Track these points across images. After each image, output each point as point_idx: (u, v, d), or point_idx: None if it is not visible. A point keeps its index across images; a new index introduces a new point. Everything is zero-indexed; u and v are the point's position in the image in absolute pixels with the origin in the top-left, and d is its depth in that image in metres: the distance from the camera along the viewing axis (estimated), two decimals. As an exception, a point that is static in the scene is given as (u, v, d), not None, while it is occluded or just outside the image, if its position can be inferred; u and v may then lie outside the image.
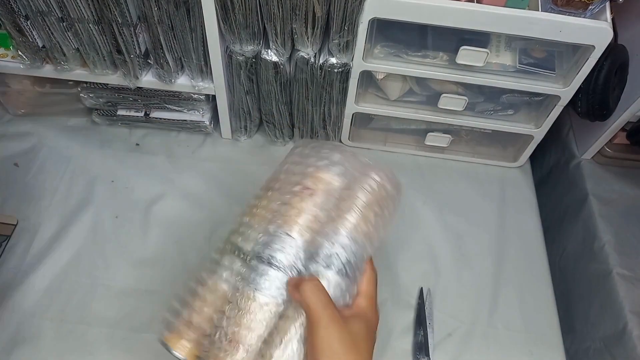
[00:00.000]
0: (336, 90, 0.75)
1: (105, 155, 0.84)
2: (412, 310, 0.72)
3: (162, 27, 0.68)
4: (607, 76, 0.69)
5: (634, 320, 0.68)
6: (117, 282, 0.71)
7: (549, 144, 0.92)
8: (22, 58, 0.74)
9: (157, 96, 0.82)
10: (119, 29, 0.68)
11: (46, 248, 0.73)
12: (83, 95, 0.82)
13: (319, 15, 0.63)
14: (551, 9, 0.62)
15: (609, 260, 0.74)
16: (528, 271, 0.77)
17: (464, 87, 0.75)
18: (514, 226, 0.82)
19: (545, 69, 0.70)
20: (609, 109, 0.73)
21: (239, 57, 0.71)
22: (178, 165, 0.84)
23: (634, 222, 0.78)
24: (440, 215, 0.82)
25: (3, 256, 0.72)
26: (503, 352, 0.70)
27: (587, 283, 0.78)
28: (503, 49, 0.70)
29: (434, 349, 0.69)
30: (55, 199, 0.79)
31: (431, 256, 0.78)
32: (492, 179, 0.88)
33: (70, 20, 0.68)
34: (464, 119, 0.80)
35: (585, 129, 0.85)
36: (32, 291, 0.70)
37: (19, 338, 0.66)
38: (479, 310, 0.73)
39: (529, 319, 0.73)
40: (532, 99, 0.76)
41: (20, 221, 0.76)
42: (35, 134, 0.86)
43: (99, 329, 0.67)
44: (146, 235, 0.76)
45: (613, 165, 0.84)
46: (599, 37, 0.62)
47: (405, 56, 0.71)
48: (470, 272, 0.76)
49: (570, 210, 0.85)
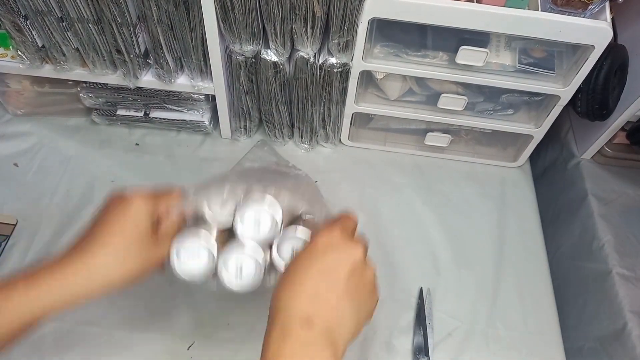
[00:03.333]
0: (336, 90, 0.75)
1: (104, 155, 0.84)
2: (412, 310, 0.72)
3: (161, 27, 0.68)
4: (607, 76, 0.69)
5: (633, 320, 0.68)
6: (117, 282, 0.71)
7: (549, 143, 0.92)
8: (22, 58, 0.74)
9: (157, 96, 0.82)
10: (119, 29, 0.68)
11: (46, 248, 0.73)
12: (83, 95, 0.82)
13: (319, 15, 0.63)
14: (551, 9, 0.62)
15: (609, 260, 0.74)
16: (528, 271, 0.77)
17: (464, 87, 0.75)
18: (514, 226, 0.82)
19: (545, 68, 0.70)
20: (608, 108, 0.73)
21: (239, 57, 0.71)
22: (178, 165, 0.84)
23: (634, 221, 0.78)
24: (440, 215, 0.82)
25: (3, 256, 0.72)
26: (503, 352, 0.70)
27: (584, 282, 0.78)
28: (503, 49, 0.70)
29: (434, 348, 0.69)
30: (55, 199, 0.79)
31: (431, 256, 0.78)
32: (492, 178, 0.88)
33: (70, 20, 0.68)
34: (463, 119, 0.80)
35: (585, 129, 0.85)
36: (31, 291, 0.69)
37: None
38: (479, 310, 0.73)
39: (528, 318, 0.73)
40: (532, 98, 0.76)
41: (20, 221, 0.76)
42: (34, 134, 0.85)
43: (99, 329, 0.67)
44: (146, 235, 0.76)
45: (613, 165, 0.84)
46: (598, 37, 0.62)
47: (405, 56, 0.71)
48: (470, 272, 0.76)
49: (569, 209, 0.85)
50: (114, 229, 0.47)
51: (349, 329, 0.43)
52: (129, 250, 0.47)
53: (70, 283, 0.45)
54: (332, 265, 0.43)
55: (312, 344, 0.40)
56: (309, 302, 0.42)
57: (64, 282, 0.44)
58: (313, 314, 0.41)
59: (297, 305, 0.41)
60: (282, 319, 0.41)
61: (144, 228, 0.48)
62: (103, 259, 0.46)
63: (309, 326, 0.40)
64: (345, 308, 0.43)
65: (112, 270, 0.46)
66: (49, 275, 0.44)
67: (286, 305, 0.42)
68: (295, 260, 0.45)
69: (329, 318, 0.41)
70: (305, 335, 0.40)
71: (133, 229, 0.48)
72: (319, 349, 0.40)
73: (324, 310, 0.41)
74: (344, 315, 0.42)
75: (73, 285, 0.45)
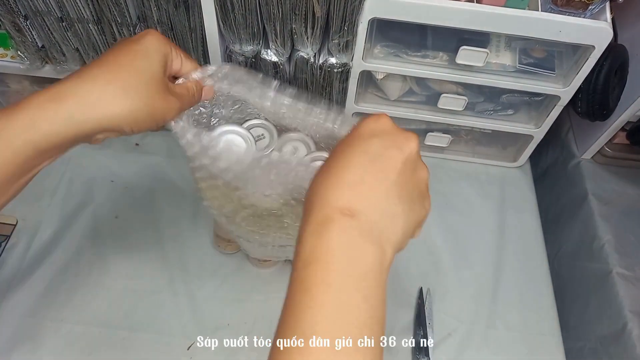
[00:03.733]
0: (336, 90, 0.75)
1: (104, 155, 0.84)
2: (412, 310, 0.72)
3: (161, 27, 0.68)
4: (607, 76, 0.69)
5: (634, 320, 0.68)
6: (117, 282, 0.71)
7: (549, 143, 0.92)
8: (22, 58, 0.73)
9: (157, 96, 0.81)
10: (119, 29, 0.68)
11: (46, 248, 0.73)
12: (83, 95, 0.82)
13: (319, 15, 0.63)
14: (551, 9, 0.62)
15: (609, 260, 0.74)
16: (528, 271, 0.77)
17: (464, 87, 0.75)
18: (514, 226, 0.82)
19: (545, 69, 0.70)
20: (608, 108, 0.73)
21: (239, 57, 0.71)
22: (178, 165, 0.84)
23: (634, 222, 0.78)
24: (440, 215, 0.82)
25: (3, 256, 0.72)
26: (503, 352, 0.70)
27: (584, 282, 0.78)
28: (503, 49, 0.70)
29: (434, 349, 0.69)
30: (54, 199, 0.79)
31: (431, 256, 0.78)
32: (492, 179, 0.88)
33: (70, 20, 0.68)
34: (463, 119, 0.79)
35: (585, 129, 0.85)
36: (31, 291, 0.69)
37: (18, 338, 0.66)
38: (479, 310, 0.73)
39: (529, 318, 0.73)
40: (532, 99, 0.76)
41: (20, 221, 0.76)
42: (34, 134, 0.85)
43: (98, 329, 0.67)
44: (146, 236, 0.76)
45: (613, 165, 0.84)
46: (598, 37, 0.62)
47: (405, 56, 0.71)
48: (470, 272, 0.76)
49: (569, 210, 0.85)
50: (121, 60, 0.40)
51: (396, 234, 0.35)
52: (134, 84, 0.39)
53: (68, 107, 0.37)
54: (381, 153, 0.36)
55: (354, 238, 0.33)
56: (351, 192, 0.34)
57: (60, 106, 0.37)
58: (355, 205, 0.34)
59: (337, 195, 0.34)
60: (318, 213, 0.34)
61: (155, 66, 0.41)
62: (104, 86, 0.38)
63: (351, 216, 0.33)
64: (394, 207, 0.35)
65: (113, 101, 0.38)
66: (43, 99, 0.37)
67: (323, 197, 0.34)
68: (334, 149, 0.37)
69: (374, 213, 0.34)
70: (346, 226, 0.33)
71: (141, 62, 0.40)
72: (362, 244, 0.33)
73: (368, 203, 0.34)
74: (392, 214, 0.35)
75: (70, 109, 0.37)
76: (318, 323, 0.31)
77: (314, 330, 0.31)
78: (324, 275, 0.32)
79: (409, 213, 0.36)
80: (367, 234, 0.33)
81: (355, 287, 0.32)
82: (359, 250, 0.33)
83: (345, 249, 0.33)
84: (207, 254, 0.75)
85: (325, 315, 0.31)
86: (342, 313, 0.31)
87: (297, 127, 0.51)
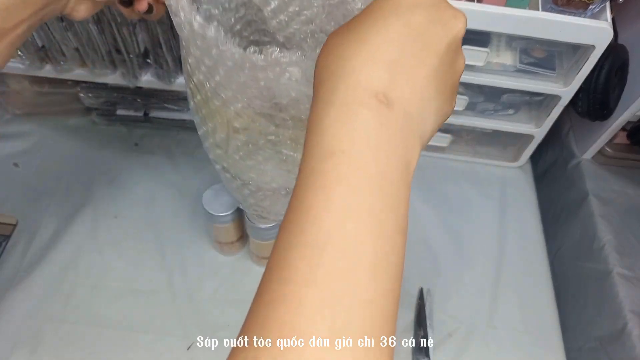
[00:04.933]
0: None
1: (104, 155, 0.84)
2: (412, 310, 0.72)
3: (161, 26, 0.67)
4: (608, 76, 0.69)
5: (634, 319, 0.68)
6: (117, 282, 0.71)
7: (549, 143, 0.92)
8: (22, 58, 0.73)
9: (157, 96, 0.81)
10: (118, 29, 0.67)
11: (46, 248, 0.73)
12: (82, 94, 0.82)
13: (319, 15, 0.63)
14: (551, 9, 0.62)
15: (609, 260, 0.74)
16: (528, 271, 0.77)
17: (465, 86, 0.75)
18: (514, 226, 0.82)
19: (546, 68, 0.70)
20: (609, 108, 0.73)
21: (239, 57, 0.71)
22: (177, 165, 0.84)
23: (634, 222, 0.78)
24: (440, 215, 0.82)
25: (3, 256, 0.72)
26: (503, 352, 0.70)
27: (584, 282, 0.78)
28: (503, 49, 0.70)
29: (434, 349, 0.68)
30: (54, 199, 0.79)
31: (431, 256, 0.77)
32: (492, 178, 0.88)
33: (70, 20, 0.68)
34: (464, 119, 0.79)
35: (585, 129, 0.85)
36: (31, 291, 0.69)
37: (18, 338, 0.66)
38: (479, 310, 0.73)
39: (529, 319, 0.73)
40: (533, 98, 0.76)
41: (20, 221, 0.76)
42: (34, 134, 0.85)
43: (99, 329, 0.67)
44: (146, 236, 0.76)
45: (613, 165, 0.84)
46: (599, 37, 0.62)
47: (405, 56, 0.71)
48: (470, 272, 0.76)
49: (570, 209, 0.85)
50: None
51: (426, 134, 0.29)
52: None
53: None
54: (425, 29, 0.28)
55: (391, 129, 0.26)
56: (388, 73, 0.27)
57: None
58: (392, 90, 0.27)
59: (370, 74, 0.27)
60: (345, 93, 0.26)
61: None
62: None
63: (387, 105, 0.26)
64: (429, 100, 0.29)
65: None
66: None
67: (351, 73, 0.27)
68: (363, 14, 0.29)
69: (410, 104, 0.27)
70: (381, 115, 0.26)
71: None
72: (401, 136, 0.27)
73: (406, 89, 0.27)
74: (429, 103, 0.29)
75: None
76: (334, 230, 0.24)
77: (330, 236, 0.24)
78: (349, 173, 0.25)
79: (438, 110, 0.30)
80: (406, 127, 0.27)
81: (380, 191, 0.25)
82: (400, 142, 0.27)
83: (383, 140, 0.26)
84: (207, 253, 0.75)
85: (342, 221, 0.24)
86: (361, 220, 0.25)
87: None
